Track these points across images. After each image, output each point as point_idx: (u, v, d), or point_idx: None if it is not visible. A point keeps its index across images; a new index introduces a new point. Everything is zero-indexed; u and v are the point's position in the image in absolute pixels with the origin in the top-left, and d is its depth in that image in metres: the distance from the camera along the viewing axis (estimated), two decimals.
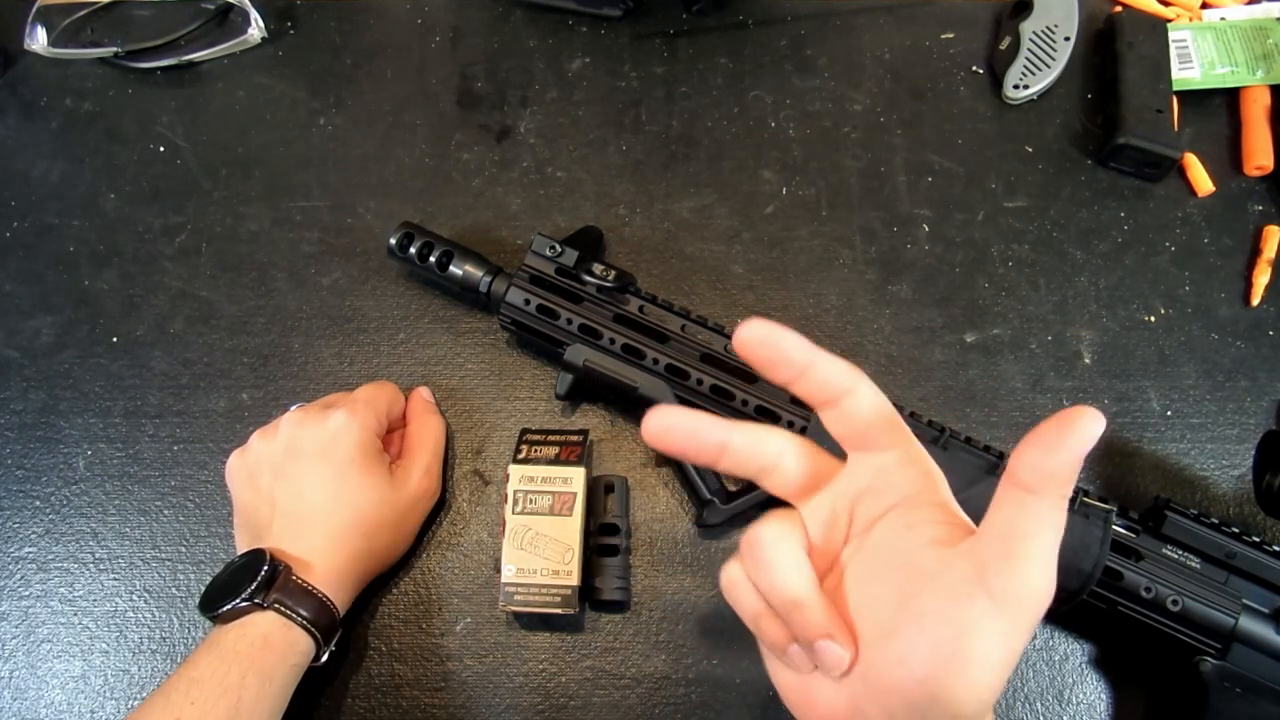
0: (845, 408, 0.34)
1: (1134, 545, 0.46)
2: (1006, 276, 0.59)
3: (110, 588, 0.54)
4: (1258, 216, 0.60)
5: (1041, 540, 0.30)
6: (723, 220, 0.61)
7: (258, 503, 0.49)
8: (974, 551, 0.31)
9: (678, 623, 0.52)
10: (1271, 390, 0.56)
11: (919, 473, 0.35)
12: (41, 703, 0.52)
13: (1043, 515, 0.30)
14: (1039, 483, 0.30)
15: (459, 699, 0.51)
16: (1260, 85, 0.62)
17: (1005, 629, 0.30)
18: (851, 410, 0.34)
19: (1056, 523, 0.31)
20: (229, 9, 0.68)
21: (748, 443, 0.35)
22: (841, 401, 0.34)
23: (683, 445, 0.35)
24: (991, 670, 0.30)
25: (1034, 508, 0.30)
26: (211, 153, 0.64)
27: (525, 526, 0.50)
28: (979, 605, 0.30)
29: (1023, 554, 0.30)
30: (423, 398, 0.56)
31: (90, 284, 0.61)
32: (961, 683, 0.30)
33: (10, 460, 0.57)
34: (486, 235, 0.61)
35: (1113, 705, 0.50)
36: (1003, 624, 0.30)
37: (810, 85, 0.65)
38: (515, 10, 0.68)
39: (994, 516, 0.31)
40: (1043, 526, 0.30)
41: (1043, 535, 0.30)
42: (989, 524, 0.31)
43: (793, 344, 0.33)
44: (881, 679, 0.32)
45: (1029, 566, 0.30)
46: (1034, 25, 0.64)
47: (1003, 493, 0.31)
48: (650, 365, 0.51)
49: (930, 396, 0.56)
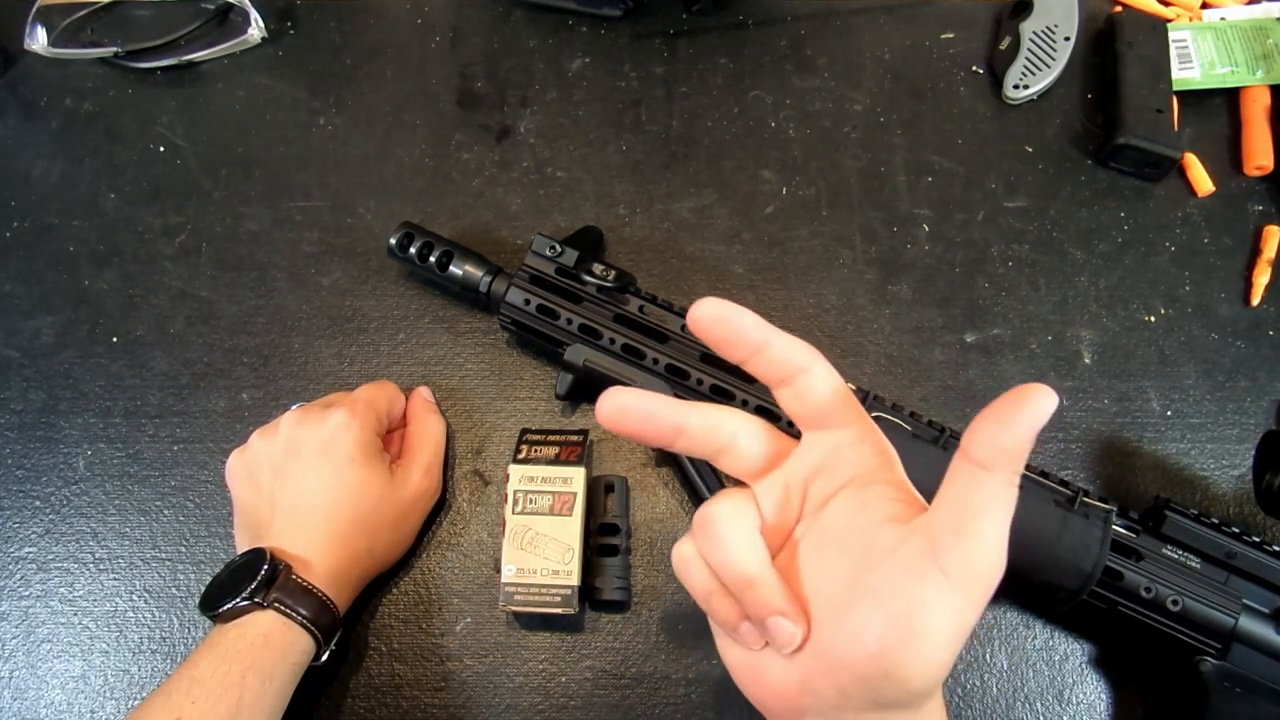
0: (800, 386, 0.34)
1: (1134, 545, 0.46)
2: (1006, 276, 0.59)
3: (110, 588, 0.54)
4: (1258, 216, 0.60)
5: (993, 517, 0.30)
6: (723, 220, 0.61)
7: (258, 502, 0.49)
8: (927, 528, 0.31)
9: (678, 623, 0.52)
10: (1271, 390, 0.56)
11: (872, 450, 0.35)
12: (41, 703, 0.52)
13: (995, 492, 0.30)
14: (992, 459, 0.30)
15: (459, 699, 0.51)
16: (1260, 85, 0.62)
17: (957, 604, 0.30)
18: (806, 389, 0.34)
19: (1008, 499, 0.31)
20: (229, 9, 0.68)
21: (704, 424, 0.35)
22: (796, 380, 0.34)
23: (639, 428, 0.35)
24: (943, 644, 0.30)
25: (986, 484, 0.30)
26: (211, 153, 0.64)
27: (525, 526, 0.50)
28: (931, 581, 0.30)
29: (974, 530, 0.30)
30: (423, 397, 0.56)
31: (90, 284, 0.61)
32: (914, 657, 0.30)
33: (10, 460, 0.57)
34: (486, 235, 0.61)
35: (1113, 705, 0.50)
36: (955, 599, 0.30)
37: (810, 85, 0.65)
38: (515, 10, 0.68)
39: (946, 493, 0.31)
40: (995, 503, 0.31)
41: (994, 512, 0.30)
42: (941, 500, 0.31)
43: (748, 322, 0.33)
44: (834, 654, 0.32)
45: (980, 543, 0.30)
46: (1034, 25, 0.64)
47: (955, 469, 0.31)
48: (650, 365, 0.51)
49: (930, 396, 0.56)
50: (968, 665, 0.51)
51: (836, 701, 0.32)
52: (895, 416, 0.48)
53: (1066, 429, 0.55)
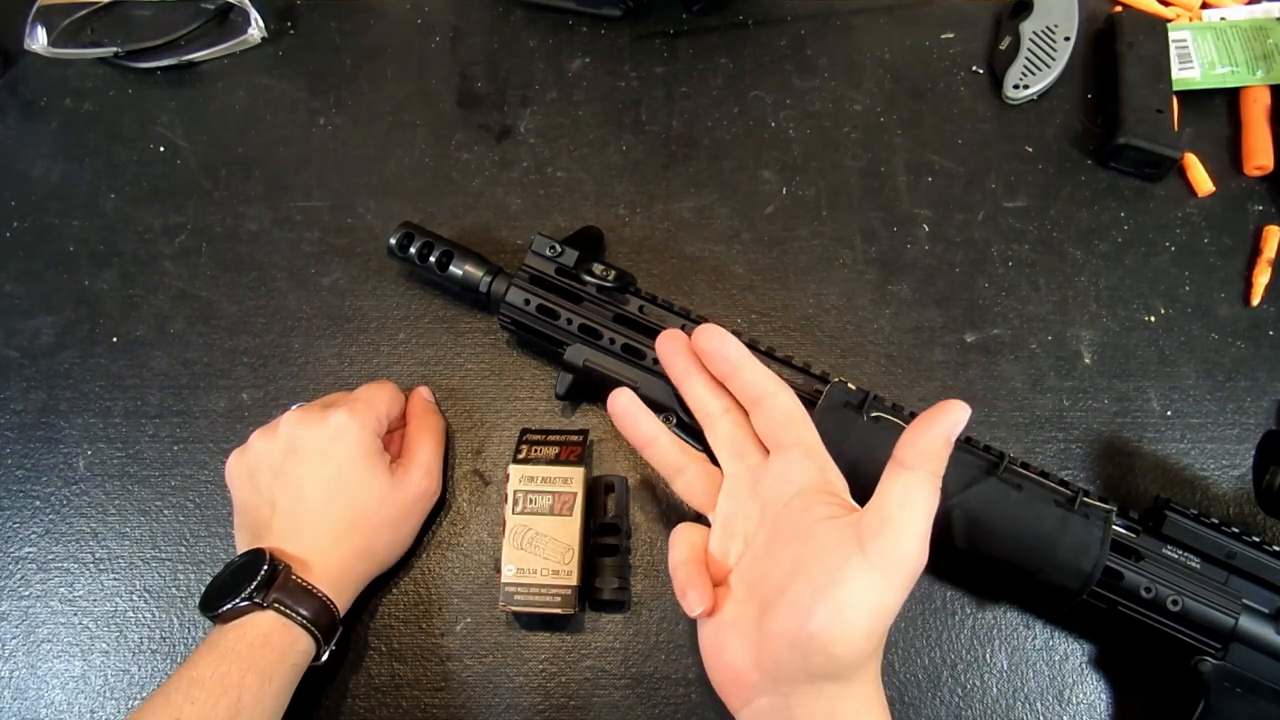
0: (765, 406, 0.44)
1: (1134, 545, 0.46)
2: (1006, 276, 0.59)
3: (110, 588, 0.54)
4: (1258, 216, 0.60)
5: (914, 509, 0.37)
6: (723, 220, 0.61)
7: (258, 502, 0.49)
8: (859, 523, 0.38)
9: (678, 623, 0.52)
10: (1271, 390, 0.56)
11: (815, 466, 0.42)
12: (41, 703, 0.52)
13: (915, 487, 0.37)
14: (913, 460, 0.38)
15: (459, 699, 0.51)
16: (1260, 85, 0.62)
17: (875, 581, 0.36)
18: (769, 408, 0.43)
19: (928, 496, 0.37)
20: (229, 9, 0.68)
21: (666, 448, 0.47)
22: (763, 402, 0.44)
23: (629, 430, 0.47)
24: (860, 614, 0.36)
25: (908, 480, 0.38)
26: (211, 153, 0.64)
27: (525, 526, 0.50)
28: (853, 560, 0.37)
29: (896, 520, 0.37)
30: (423, 397, 0.56)
31: (90, 284, 0.61)
32: (834, 622, 0.36)
33: (10, 460, 0.57)
34: (486, 235, 0.61)
35: (1113, 705, 0.50)
36: (873, 577, 0.36)
37: (810, 85, 0.65)
38: (515, 10, 0.68)
39: (877, 492, 0.38)
40: (915, 497, 0.37)
41: (915, 505, 0.37)
42: (873, 501, 0.38)
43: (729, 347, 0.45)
44: (773, 627, 0.38)
45: (901, 532, 0.37)
46: (1034, 25, 0.64)
47: (885, 473, 0.38)
48: (650, 365, 0.51)
49: (930, 396, 0.56)
50: (968, 665, 0.51)
51: (775, 673, 0.38)
52: (895, 416, 0.48)
53: (1066, 429, 0.55)
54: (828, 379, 0.50)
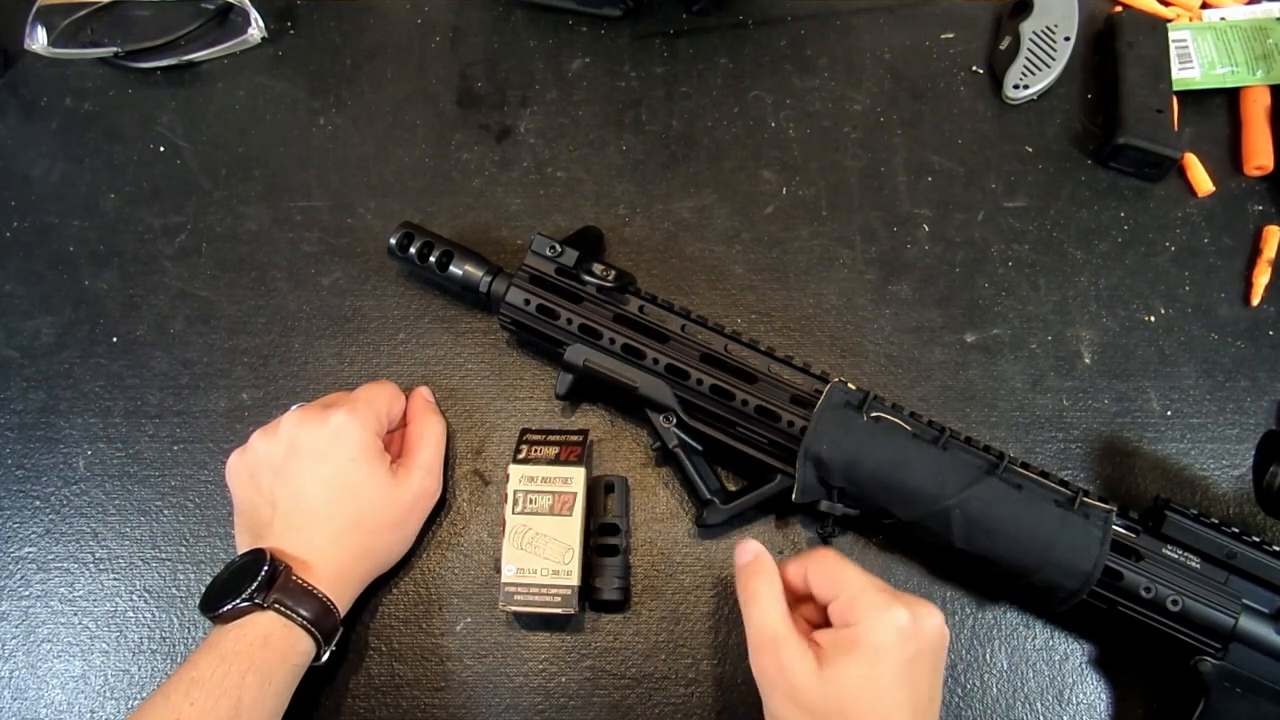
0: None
1: (1134, 545, 0.46)
2: (1006, 276, 0.59)
3: (110, 588, 0.54)
4: (1258, 216, 0.60)
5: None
6: (723, 220, 0.61)
7: (258, 502, 0.49)
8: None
9: (678, 623, 0.52)
10: (1271, 390, 0.56)
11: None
12: (41, 703, 0.52)
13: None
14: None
15: (459, 699, 0.51)
16: (1260, 85, 0.62)
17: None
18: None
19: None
20: (229, 9, 0.68)
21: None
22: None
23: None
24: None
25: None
26: (211, 153, 0.64)
27: (525, 526, 0.50)
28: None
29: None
30: (423, 397, 0.56)
31: (90, 284, 0.61)
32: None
33: (10, 460, 0.57)
34: (486, 235, 0.61)
35: (1113, 705, 0.50)
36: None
37: (810, 85, 0.65)
38: (515, 10, 0.68)
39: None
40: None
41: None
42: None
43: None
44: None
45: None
46: (1034, 25, 0.64)
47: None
48: (650, 365, 0.51)
49: (930, 396, 0.56)
50: (968, 665, 0.51)
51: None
52: (895, 417, 0.48)
53: (1066, 429, 0.55)
54: (828, 379, 0.50)
